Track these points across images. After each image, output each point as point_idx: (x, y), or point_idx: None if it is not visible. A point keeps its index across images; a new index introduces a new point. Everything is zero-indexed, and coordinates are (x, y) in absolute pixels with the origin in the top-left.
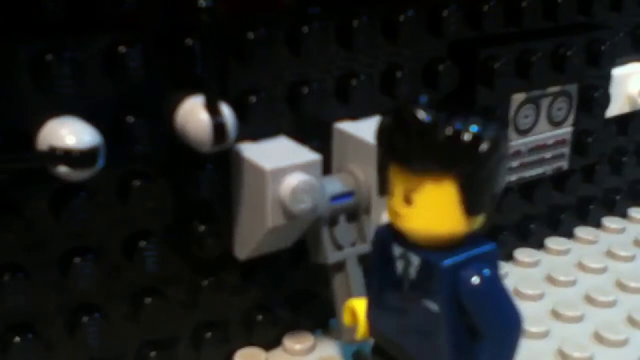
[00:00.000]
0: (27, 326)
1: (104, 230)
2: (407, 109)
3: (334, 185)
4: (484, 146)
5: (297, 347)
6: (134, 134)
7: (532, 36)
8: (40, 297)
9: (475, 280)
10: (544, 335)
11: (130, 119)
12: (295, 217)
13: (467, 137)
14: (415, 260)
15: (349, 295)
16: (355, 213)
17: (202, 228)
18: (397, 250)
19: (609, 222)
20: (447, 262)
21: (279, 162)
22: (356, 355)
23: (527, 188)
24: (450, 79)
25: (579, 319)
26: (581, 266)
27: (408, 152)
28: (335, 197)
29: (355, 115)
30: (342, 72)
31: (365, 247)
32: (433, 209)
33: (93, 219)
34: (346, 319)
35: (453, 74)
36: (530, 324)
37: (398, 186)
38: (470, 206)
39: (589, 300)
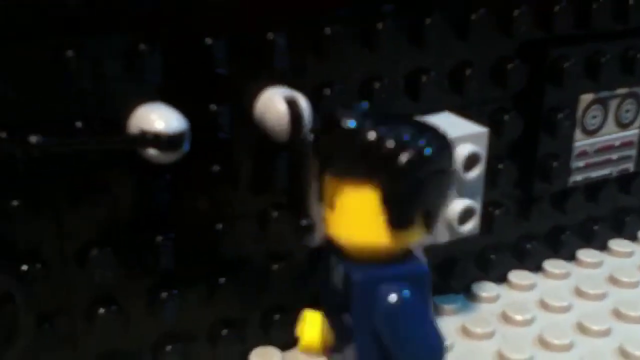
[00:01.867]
0: (111, 300)
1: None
2: (335, 114)
3: None
4: (403, 158)
5: None
6: (217, 121)
7: (602, 37)
8: (124, 272)
9: (392, 299)
10: (606, 333)
11: (214, 107)
12: None
13: (387, 146)
14: (340, 270)
15: None
16: None
17: (275, 214)
18: (333, 259)
19: None
20: (361, 275)
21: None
22: None
23: (593, 189)
24: (518, 77)
25: None
26: None
27: (331, 156)
28: None
29: (425, 111)
30: (412, 68)
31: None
32: (352, 216)
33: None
34: (299, 329)
35: (522, 73)
36: (591, 323)
37: (326, 191)
38: (393, 219)
39: None
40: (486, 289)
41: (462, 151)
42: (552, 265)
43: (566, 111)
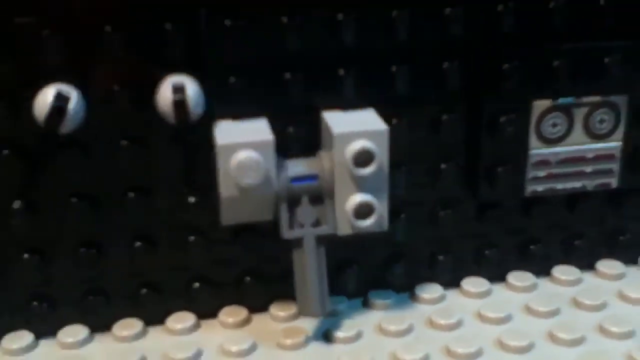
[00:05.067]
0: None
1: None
2: None
3: (296, 167)
4: None
5: (281, 314)
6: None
7: (558, 40)
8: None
9: None
10: None
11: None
12: (244, 190)
13: None
14: None
15: (305, 272)
16: (320, 196)
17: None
18: None
19: None
20: None
21: (234, 139)
22: None
23: (569, 201)
24: (456, 80)
25: None
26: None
27: None
28: (297, 179)
29: (349, 107)
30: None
31: (325, 229)
32: None
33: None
34: None
35: (458, 76)
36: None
37: None
38: None
39: None
40: (430, 290)
41: (353, 146)
42: (516, 277)
43: (511, 116)
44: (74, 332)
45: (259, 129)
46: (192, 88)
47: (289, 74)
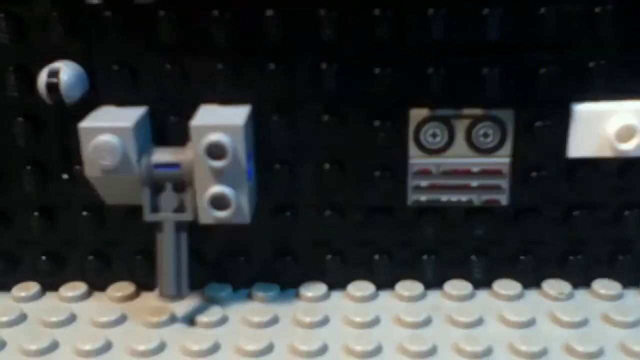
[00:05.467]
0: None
1: None
2: None
3: (161, 154)
4: None
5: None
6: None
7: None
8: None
9: None
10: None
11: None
12: (107, 172)
13: None
14: None
15: (164, 255)
16: (182, 184)
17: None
18: None
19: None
20: None
21: (97, 123)
22: None
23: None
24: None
25: None
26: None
27: None
28: (160, 165)
29: (221, 102)
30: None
31: (184, 216)
32: None
33: None
34: None
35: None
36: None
37: None
38: None
39: None
40: (313, 289)
41: (207, 139)
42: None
43: (386, 123)
44: None
45: (127, 116)
46: (68, 73)
47: (169, 65)
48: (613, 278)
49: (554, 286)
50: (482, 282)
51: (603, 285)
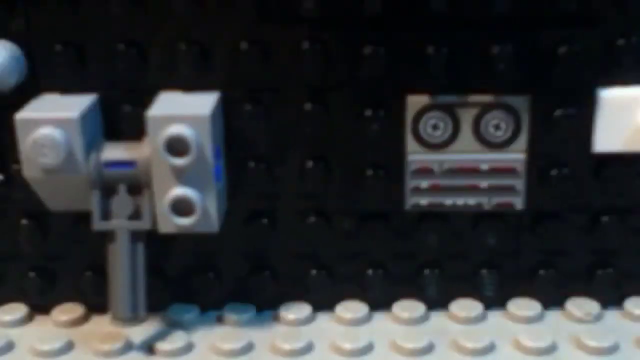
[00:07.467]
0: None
1: None
2: None
3: (113, 151)
4: None
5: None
6: None
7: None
8: None
9: None
10: None
11: None
12: (48, 172)
13: None
14: None
15: (118, 271)
16: (138, 186)
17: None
18: None
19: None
20: None
21: (36, 114)
22: None
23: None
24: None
25: None
26: None
27: None
28: (111, 164)
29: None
30: None
31: (140, 224)
32: None
33: None
34: None
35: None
36: None
37: None
38: None
39: None
40: (295, 310)
41: (166, 132)
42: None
43: (379, 112)
44: None
45: (72, 105)
46: (2, 54)
47: (122, 45)
48: None
49: (579, 306)
50: (495, 301)
51: (637, 305)
